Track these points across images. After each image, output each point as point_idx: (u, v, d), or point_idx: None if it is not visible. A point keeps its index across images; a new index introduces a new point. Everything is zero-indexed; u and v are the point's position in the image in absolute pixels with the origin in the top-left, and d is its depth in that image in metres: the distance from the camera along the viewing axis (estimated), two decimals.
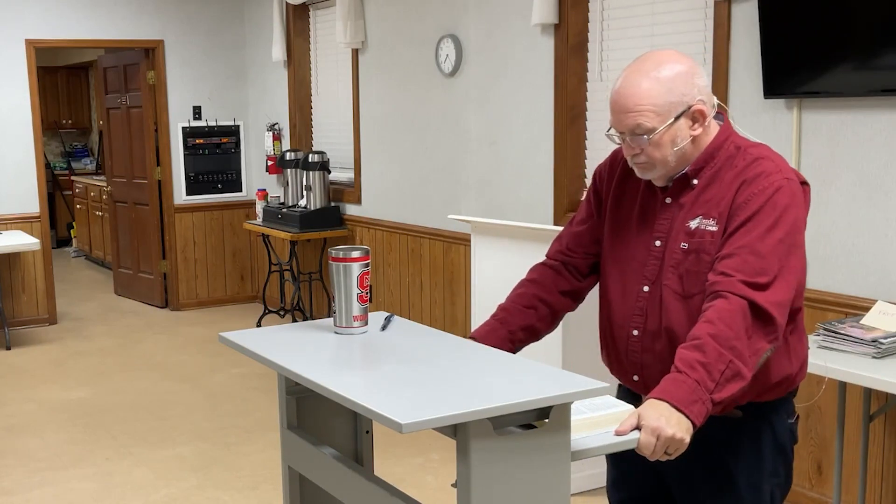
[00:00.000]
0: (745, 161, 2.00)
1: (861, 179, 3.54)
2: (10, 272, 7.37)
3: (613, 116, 2.02)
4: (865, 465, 3.43)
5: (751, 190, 1.95)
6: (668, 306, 2.04)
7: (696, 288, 2.00)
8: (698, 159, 2.03)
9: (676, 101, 1.96)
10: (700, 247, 1.99)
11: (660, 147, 1.98)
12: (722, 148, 2.03)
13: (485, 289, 4.24)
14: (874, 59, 3.40)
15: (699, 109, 1.98)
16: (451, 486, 1.86)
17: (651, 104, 1.95)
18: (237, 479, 4.38)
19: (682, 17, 4.23)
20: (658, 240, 2.07)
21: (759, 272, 1.88)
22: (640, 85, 1.96)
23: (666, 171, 2.03)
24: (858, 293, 3.54)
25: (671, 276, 2.04)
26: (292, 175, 7.04)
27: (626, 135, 2.00)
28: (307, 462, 2.28)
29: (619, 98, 1.99)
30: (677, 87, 1.96)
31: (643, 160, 2.01)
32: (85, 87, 12.62)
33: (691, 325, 1.93)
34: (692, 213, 2.02)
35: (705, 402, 1.82)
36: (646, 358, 2.10)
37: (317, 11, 7.26)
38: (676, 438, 1.79)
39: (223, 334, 2.32)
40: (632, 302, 2.11)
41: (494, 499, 1.76)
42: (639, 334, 2.10)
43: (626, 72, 2.01)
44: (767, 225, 1.91)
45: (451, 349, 2.18)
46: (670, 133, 1.97)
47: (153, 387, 5.86)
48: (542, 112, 4.92)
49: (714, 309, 1.87)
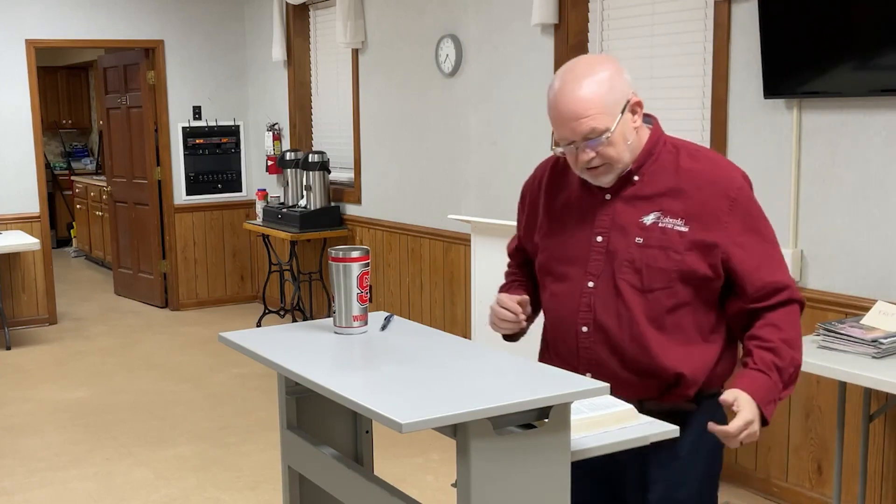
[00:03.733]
0: (695, 160, 2.09)
1: (861, 179, 3.54)
2: (10, 272, 7.37)
3: (562, 127, 2.04)
4: (865, 465, 3.43)
5: (727, 194, 2.05)
6: (627, 300, 2.07)
7: (657, 283, 2.05)
8: (639, 157, 2.09)
9: (618, 97, 2.02)
10: (665, 243, 2.04)
11: (614, 145, 2.03)
12: (659, 143, 2.11)
13: (485, 289, 4.24)
14: (874, 59, 3.40)
15: (636, 101, 2.05)
16: (451, 486, 1.87)
17: (600, 105, 2.00)
18: (237, 479, 4.38)
19: (682, 17, 4.23)
20: (599, 235, 2.11)
21: (785, 273, 2.08)
22: (583, 90, 2.00)
23: (623, 168, 2.07)
24: (858, 293, 3.54)
25: (626, 270, 2.07)
26: (292, 175, 7.04)
27: (577, 142, 2.03)
28: (307, 462, 2.28)
29: (566, 107, 2.02)
30: (615, 84, 2.02)
31: (598, 163, 2.05)
32: (85, 87, 12.62)
33: (652, 319, 2.05)
34: (643, 209, 2.08)
35: (776, 402, 2.03)
36: (601, 353, 2.11)
37: (317, 11, 7.26)
38: (757, 433, 1.99)
39: (223, 334, 2.32)
40: (577, 299, 2.13)
41: (494, 499, 1.76)
42: (588, 330, 2.12)
43: (561, 82, 2.04)
44: (763, 227, 2.09)
45: (451, 349, 2.18)
46: (620, 129, 2.02)
47: (153, 387, 5.86)
48: (542, 112, 4.89)
49: (780, 314, 2.05)
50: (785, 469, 3.90)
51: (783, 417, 3.85)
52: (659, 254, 2.04)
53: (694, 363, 2.07)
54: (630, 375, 2.08)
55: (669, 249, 2.04)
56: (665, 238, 2.04)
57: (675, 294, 2.04)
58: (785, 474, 3.90)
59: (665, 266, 2.04)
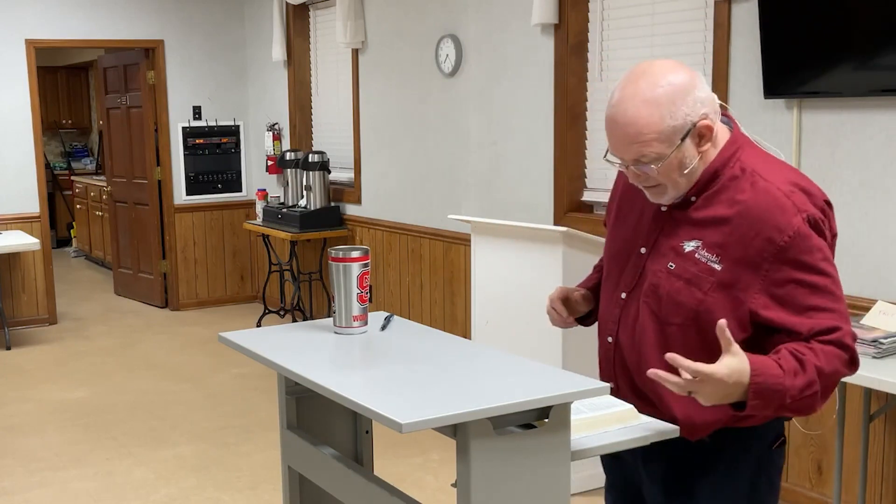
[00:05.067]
0: (755, 192, 1.84)
1: (861, 179, 3.54)
2: (10, 272, 7.37)
3: (614, 144, 1.87)
4: (865, 465, 3.42)
5: (773, 239, 1.80)
6: (644, 327, 1.94)
7: (675, 317, 1.89)
8: (700, 179, 1.89)
9: (680, 123, 1.81)
10: (693, 278, 1.86)
11: (668, 173, 1.85)
12: (727, 165, 1.88)
13: (485, 289, 4.24)
14: (874, 59, 3.40)
15: (705, 125, 1.83)
16: (451, 486, 1.86)
17: (655, 132, 1.80)
18: (237, 479, 4.37)
19: (682, 17, 4.23)
20: (644, 247, 1.98)
21: (840, 321, 1.81)
22: (639, 112, 1.80)
23: (678, 192, 1.90)
24: (858, 293, 3.54)
25: (651, 294, 1.93)
26: (292, 175, 7.04)
27: (628, 163, 1.87)
28: (307, 462, 2.28)
29: (619, 128, 1.83)
30: (679, 107, 1.80)
31: (651, 184, 1.89)
32: (85, 87, 12.62)
33: (662, 354, 1.79)
34: (687, 234, 1.90)
35: (772, 408, 1.78)
36: (618, 369, 2.03)
37: (317, 11, 7.26)
38: (706, 395, 1.73)
39: (223, 334, 2.32)
40: (612, 307, 2.04)
41: (494, 499, 1.76)
42: (612, 342, 2.03)
43: (621, 94, 1.84)
44: (816, 279, 1.81)
45: (451, 349, 2.18)
46: (678, 156, 1.83)
47: (153, 387, 5.86)
48: (542, 112, 4.92)
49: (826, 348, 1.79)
50: (785, 469, 3.89)
51: None
52: (683, 287, 1.87)
53: (696, 414, 1.89)
54: (637, 400, 1.99)
55: (694, 285, 1.86)
56: (695, 272, 1.86)
57: (689, 335, 1.85)
58: (785, 474, 3.90)
59: (685, 301, 1.87)
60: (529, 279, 3.93)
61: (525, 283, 3.96)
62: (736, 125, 1.96)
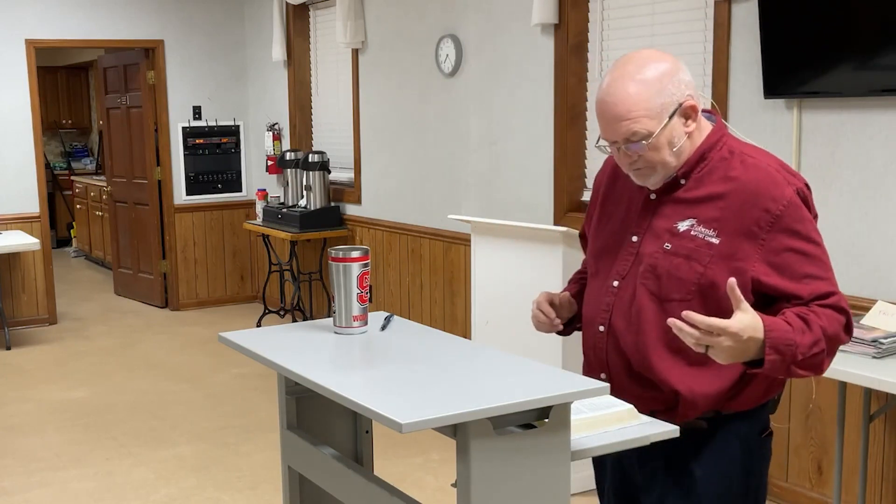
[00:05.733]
0: (746, 169, 1.95)
1: (861, 179, 3.54)
2: (10, 272, 7.37)
3: (604, 126, 1.95)
4: (865, 465, 3.42)
5: (769, 209, 1.90)
6: (641, 307, 1.99)
7: (675, 293, 1.95)
8: (689, 160, 1.98)
9: (667, 100, 1.91)
10: (692, 253, 1.94)
11: (658, 150, 1.93)
12: (714, 148, 1.99)
13: (485, 289, 4.24)
14: (874, 59, 3.40)
15: (690, 105, 1.94)
16: (451, 486, 1.86)
17: (643, 108, 1.89)
18: (237, 479, 4.37)
19: (682, 17, 4.23)
20: (635, 235, 2.04)
21: (833, 287, 1.92)
22: (627, 90, 1.90)
23: (666, 172, 1.97)
24: (858, 293, 3.54)
25: (647, 275, 1.99)
26: (292, 175, 7.04)
27: (619, 143, 1.94)
28: (307, 462, 2.28)
29: (609, 107, 1.92)
30: (665, 86, 1.91)
31: (641, 166, 1.96)
32: (85, 87, 12.62)
33: (664, 331, 1.90)
34: (680, 215, 1.98)
35: (786, 364, 1.84)
36: (611, 357, 2.05)
37: (317, 11, 7.26)
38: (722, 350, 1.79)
39: (223, 334, 2.32)
40: (602, 297, 2.08)
41: (494, 499, 1.76)
42: (604, 330, 2.06)
43: (610, 78, 1.94)
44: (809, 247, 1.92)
45: (451, 349, 2.18)
46: (666, 134, 1.92)
47: (153, 387, 5.86)
48: (542, 112, 4.92)
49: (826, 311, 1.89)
50: (785, 469, 3.90)
51: (783, 417, 3.85)
52: (682, 263, 1.94)
53: (697, 386, 1.96)
54: (635, 384, 2.01)
55: (693, 260, 1.93)
56: (693, 247, 1.94)
57: (692, 309, 1.88)
58: (785, 474, 3.90)
59: (685, 276, 1.94)
60: (529, 279, 3.93)
61: (525, 283, 3.96)
62: (719, 118, 2.07)
